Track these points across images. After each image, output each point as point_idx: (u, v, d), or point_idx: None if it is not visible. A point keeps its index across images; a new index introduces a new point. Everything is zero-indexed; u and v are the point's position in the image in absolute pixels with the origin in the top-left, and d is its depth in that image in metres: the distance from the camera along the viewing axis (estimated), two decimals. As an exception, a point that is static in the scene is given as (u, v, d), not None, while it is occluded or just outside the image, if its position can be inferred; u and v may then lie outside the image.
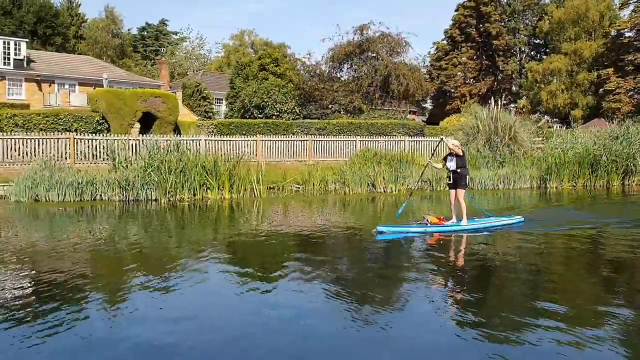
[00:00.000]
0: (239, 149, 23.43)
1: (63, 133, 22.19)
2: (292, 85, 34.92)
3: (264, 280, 7.42)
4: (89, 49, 49.70)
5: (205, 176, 18.27)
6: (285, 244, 10.54)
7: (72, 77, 37.77)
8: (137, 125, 25.53)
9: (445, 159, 11.41)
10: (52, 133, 21.97)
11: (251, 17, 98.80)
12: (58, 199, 17.21)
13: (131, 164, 18.94)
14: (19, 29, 45.95)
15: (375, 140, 26.10)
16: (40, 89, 36.40)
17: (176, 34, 68.64)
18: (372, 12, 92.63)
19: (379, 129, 28.61)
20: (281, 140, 25.21)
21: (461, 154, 11.14)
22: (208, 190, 18.33)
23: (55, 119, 23.05)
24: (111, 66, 42.81)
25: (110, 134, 22.73)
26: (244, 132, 27.15)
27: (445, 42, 54.77)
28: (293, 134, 27.59)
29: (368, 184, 20.31)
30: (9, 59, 35.54)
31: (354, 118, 31.15)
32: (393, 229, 10.74)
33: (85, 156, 21.51)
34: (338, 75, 35.08)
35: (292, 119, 31.99)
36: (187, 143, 21.33)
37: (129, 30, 58.39)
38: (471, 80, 53.15)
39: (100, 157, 21.46)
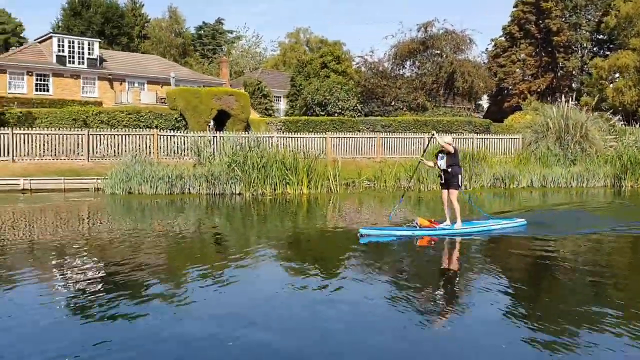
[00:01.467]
0: (308, 146, 23.98)
1: (144, 129, 23.32)
2: (353, 82, 35.32)
3: (331, 275, 7.47)
4: (153, 48, 51.41)
5: (284, 172, 18.95)
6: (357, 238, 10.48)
7: (142, 76, 39.24)
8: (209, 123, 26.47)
9: (436, 156, 10.68)
10: (134, 129, 23.07)
11: (307, 14, 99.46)
12: (150, 192, 18.23)
13: (214, 159, 19.83)
14: (88, 29, 47.95)
15: (443, 138, 26.20)
16: (112, 87, 37.99)
17: (232, 33, 69.99)
18: (424, 8, 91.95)
19: (444, 127, 28.71)
20: (350, 137, 25.66)
21: (452, 151, 10.28)
22: (287, 186, 18.99)
23: (137, 116, 24.19)
24: (177, 65, 44.21)
25: (187, 131, 23.72)
26: (310, 130, 27.72)
27: (503, 38, 54.00)
28: (359, 131, 27.98)
29: (442, 180, 20.52)
30: (83, 58, 37.23)
31: (418, 115, 31.32)
32: (377, 232, 10.15)
33: (167, 151, 22.54)
34: (401, 73, 35.26)
35: (355, 117, 32.40)
36: (257, 140, 22.02)
37: (186, 29, 59.78)
38: (530, 77, 52.25)
39: (181, 153, 22.45)
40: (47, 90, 35.49)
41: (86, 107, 25.82)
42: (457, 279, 7.60)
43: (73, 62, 36.81)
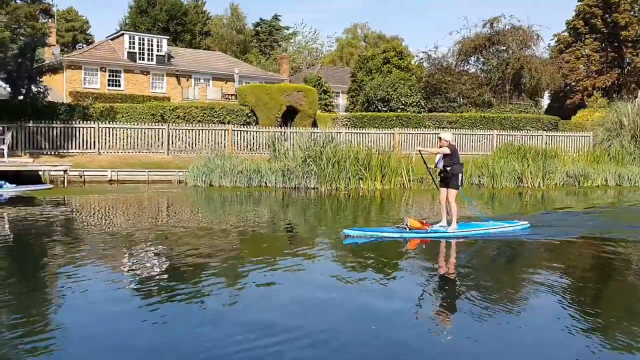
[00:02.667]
0: (375, 142, 24.26)
1: (218, 125, 24.17)
2: (415, 78, 35.33)
3: (385, 272, 7.62)
4: (215, 44, 52.65)
5: (358, 167, 19.32)
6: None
7: (207, 72, 40.36)
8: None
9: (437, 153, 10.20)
10: (208, 125, 23.93)
11: (365, 10, 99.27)
12: (230, 185, 18.96)
13: (289, 154, 20.40)
14: (153, 27, 49.47)
15: (512, 135, 26.04)
16: (179, 83, 39.25)
17: (288, 29, 70.71)
18: (484, 4, 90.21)
19: (511, 123, 28.44)
20: (417, 133, 25.80)
21: (447, 152, 9.74)
22: (361, 181, 19.35)
23: (211, 112, 25.07)
24: (240, 62, 45.20)
25: (257, 126, 24.44)
26: (376, 125, 27.99)
27: (566, 34, 52.65)
28: (425, 127, 28.06)
29: (515, 178, 20.49)
30: (152, 55, 38.61)
31: (483, 112, 31.10)
32: (361, 233, 9.71)
33: (240, 146, 23.30)
34: (465, 69, 35.04)
35: (417, 112, 32.45)
36: (330, 135, 22.45)
37: (245, 26, 60.86)
38: (594, 73, 50.75)
39: (255, 147, 23.18)
40: (119, 86, 37.02)
41: (164, 102, 26.91)
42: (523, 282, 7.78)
43: (143, 59, 38.24)
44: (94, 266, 7.56)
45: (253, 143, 23.46)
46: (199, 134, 23.18)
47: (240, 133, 23.41)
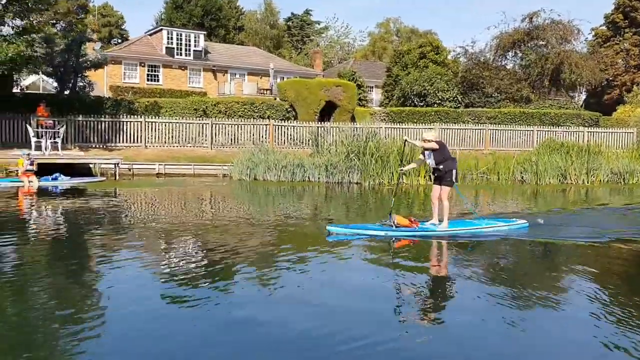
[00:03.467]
0: (415, 137, 24.27)
1: (258, 120, 24.51)
2: (451, 73, 35.14)
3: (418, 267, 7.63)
4: (249, 40, 53.12)
5: (402, 163, 19.38)
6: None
7: (243, 67, 40.82)
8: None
9: (422, 153, 9.73)
10: (249, 120, 24.28)
11: (398, 4, 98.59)
12: (274, 179, 19.27)
13: (331, 149, 20.60)
14: (188, 22, 50.12)
15: (553, 131, 25.81)
16: (215, 78, 39.78)
17: (319, 24, 70.82)
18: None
19: (551, 119, 28.15)
20: (457, 129, 25.75)
21: (436, 147, 9.31)
22: (403, 176, 19.43)
23: (251, 107, 25.42)
24: (275, 57, 45.52)
25: (296, 121, 24.70)
26: (414, 120, 28.00)
27: (605, 27, 51.68)
28: (463, 122, 27.96)
29: (559, 175, 20.36)
30: (189, 50, 39.21)
31: (522, 107, 30.82)
32: (344, 230, 9.29)
33: (280, 141, 23.60)
34: (503, 64, 34.75)
35: (455, 107, 32.32)
36: (373, 130, 22.59)
37: (277, 20, 61.14)
38: (633, 68, 49.73)
39: (296, 142, 23.45)
40: (158, 81, 37.71)
41: (205, 98, 27.36)
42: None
43: (181, 54, 38.86)
44: (159, 254, 7.89)
45: (293, 138, 23.74)
46: (240, 129, 23.55)
47: (281, 128, 23.70)
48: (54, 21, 27.50)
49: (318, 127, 22.45)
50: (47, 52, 24.07)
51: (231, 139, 23.44)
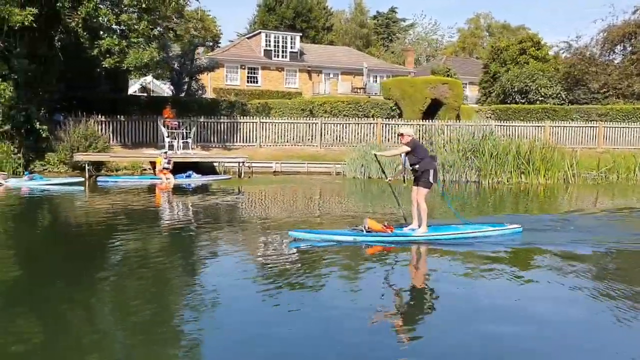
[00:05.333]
0: (523, 135, 23.77)
1: (363, 118, 24.90)
2: (553, 69, 34.06)
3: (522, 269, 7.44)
4: (339, 39, 53.74)
5: (520, 161, 19.17)
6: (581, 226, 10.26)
7: (336, 67, 41.43)
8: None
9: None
10: (356, 119, 24.71)
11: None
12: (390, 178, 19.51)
13: (444, 147, 20.63)
14: (280, 24, 51.39)
15: (674, 128, 24.56)
16: (310, 78, 40.63)
17: (404, 21, 70.44)
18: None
19: (669, 116, 26.75)
20: (569, 126, 25.03)
21: (408, 149, 8.66)
22: (522, 175, 19.19)
23: (356, 106, 25.85)
24: (367, 55, 45.86)
25: (401, 120, 24.85)
26: (521, 118, 27.43)
27: None
28: (571, 119, 27.12)
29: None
30: (286, 52, 40.27)
31: (634, 104, 29.44)
32: (308, 235, 8.65)
33: (387, 139, 23.85)
34: (610, 58, 33.32)
35: (559, 104, 31.35)
36: (489, 129, 22.33)
37: (367, 19, 61.37)
38: None
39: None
40: (256, 82, 39.02)
41: (313, 98, 28.11)
42: None
43: (278, 56, 40.00)
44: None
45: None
46: (348, 128, 24.03)
47: (389, 126, 23.96)
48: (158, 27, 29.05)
49: (425, 125, 22.44)
50: (164, 57, 25.57)
51: (338, 138, 23.95)
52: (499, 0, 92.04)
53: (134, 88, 36.45)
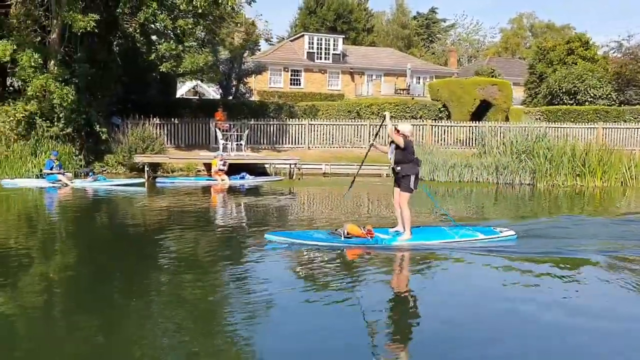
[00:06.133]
0: (577, 137, 23.32)
1: (410, 120, 24.80)
2: (602, 69, 33.26)
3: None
4: (380, 41, 53.70)
5: (576, 163, 18.82)
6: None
7: (379, 68, 41.41)
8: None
9: (390, 144, 8.56)
10: (399, 120, 24.65)
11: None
12: (443, 179, 19.48)
13: (496, 149, 20.42)
14: (321, 26, 51.66)
15: None
16: (353, 80, 40.73)
17: (445, 22, 69.87)
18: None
19: None
20: (624, 128, 24.44)
21: (402, 144, 8.20)
22: (578, 177, 18.84)
23: (403, 107, 25.81)
24: (409, 56, 45.70)
25: (450, 121, 24.70)
26: (571, 119, 26.91)
27: None
28: (624, 121, 26.47)
29: None
30: (328, 54, 40.48)
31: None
32: (283, 238, 8.31)
33: (435, 140, 23.76)
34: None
35: (609, 105, 30.62)
36: (543, 130, 21.93)
37: (408, 21, 61.10)
38: None
39: (451, 142, 23.51)
40: (299, 84, 39.34)
41: (359, 99, 28.17)
42: None
43: (321, 58, 40.24)
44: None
45: (450, 137, 23.79)
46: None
47: (439, 128, 23.85)
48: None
49: (485, 126, 22.18)
50: (215, 61, 26.07)
51: (386, 140, 23.92)
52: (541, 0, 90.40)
53: (180, 91, 37.16)
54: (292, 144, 23.67)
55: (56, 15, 18.36)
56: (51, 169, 16.07)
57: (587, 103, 31.61)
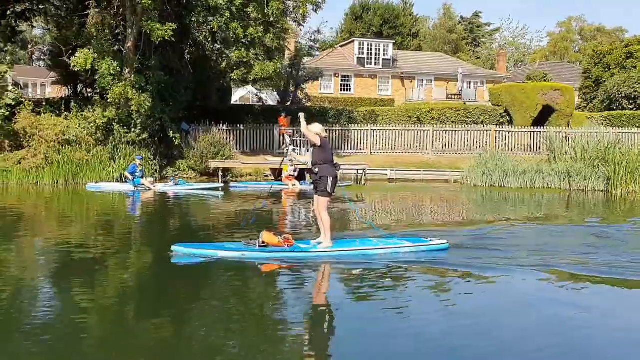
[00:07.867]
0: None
1: (472, 125, 24.66)
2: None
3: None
4: (426, 45, 53.52)
5: (651, 169, 18.38)
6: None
7: (430, 73, 41.24)
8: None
9: (293, 142, 8.18)
10: (460, 125, 24.54)
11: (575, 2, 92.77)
12: (514, 185, 19.27)
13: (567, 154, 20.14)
14: (367, 32, 51.78)
15: None
16: (403, 85, 40.65)
17: (489, 25, 69.13)
18: None
19: None
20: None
21: (318, 142, 7.73)
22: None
23: (464, 113, 25.67)
24: (460, 61, 45.37)
25: (512, 126, 24.43)
26: (637, 125, 26.29)
27: None
28: (694, 126, 25.71)
29: None
30: (379, 59, 40.52)
31: None
32: (189, 251, 7.62)
33: (499, 146, 23.53)
34: None
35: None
36: (617, 136, 21.49)
37: (455, 25, 60.71)
38: None
39: (515, 147, 23.26)
40: (350, 90, 39.47)
41: (420, 104, 28.15)
42: None
43: (371, 63, 40.31)
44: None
45: (513, 143, 23.54)
46: (458, 135, 23.88)
47: (503, 133, 23.63)
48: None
49: (553, 132, 21.87)
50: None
51: (448, 145, 23.84)
52: (590, 2, 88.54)
53: (234, 97, 37.71)
54: (354, 149, 23.78)
55: (132, 24, 18.93)
56: (134, 172, 16.56)
57: (648, 108, 30.83)
